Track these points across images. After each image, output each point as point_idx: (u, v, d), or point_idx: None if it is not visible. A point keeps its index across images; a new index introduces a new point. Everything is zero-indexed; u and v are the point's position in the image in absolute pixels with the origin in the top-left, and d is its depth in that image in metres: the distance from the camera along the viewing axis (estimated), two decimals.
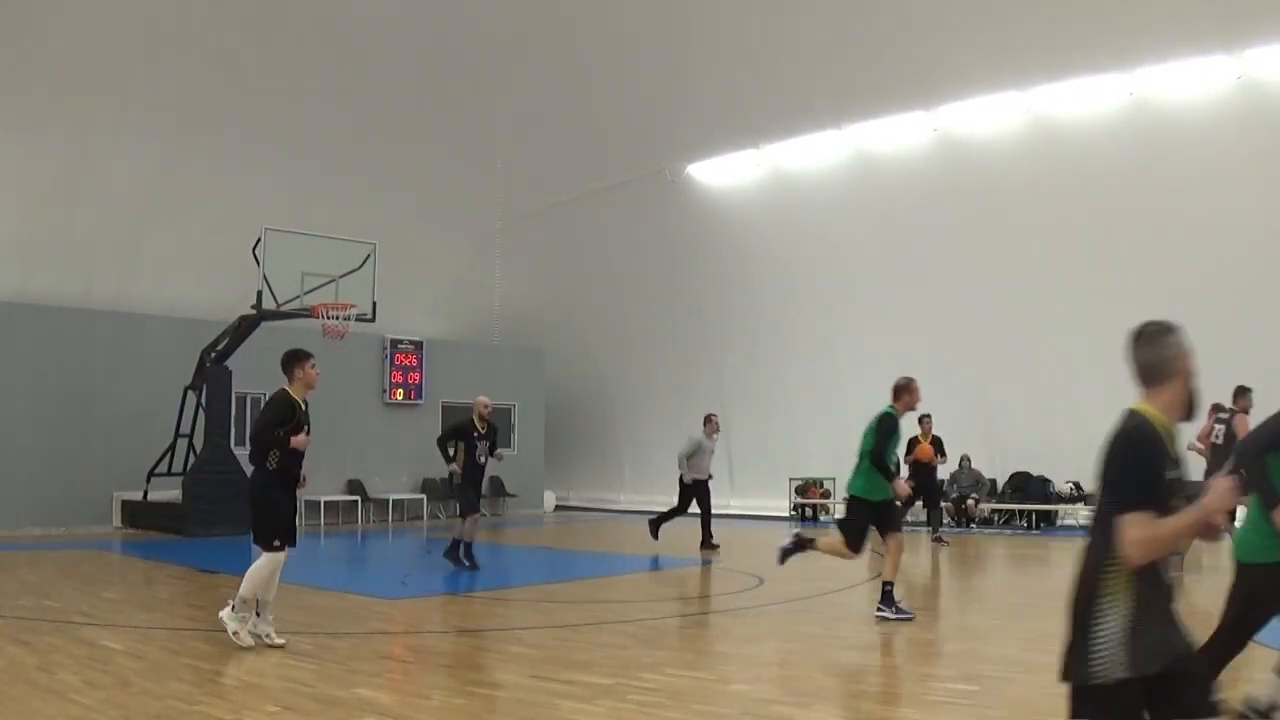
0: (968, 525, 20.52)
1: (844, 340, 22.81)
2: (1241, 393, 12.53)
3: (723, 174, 24.20)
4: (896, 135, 20.97)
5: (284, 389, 8.66)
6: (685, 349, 25.95)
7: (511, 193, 24.90)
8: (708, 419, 17.19)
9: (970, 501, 20.57)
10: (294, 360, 8.64)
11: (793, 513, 23.90)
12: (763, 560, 13.66)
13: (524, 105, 23.31)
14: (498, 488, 25.47)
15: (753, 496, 24.64)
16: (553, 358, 27.96)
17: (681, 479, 16.89)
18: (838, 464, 21.92)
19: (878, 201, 21.46)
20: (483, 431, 13.88)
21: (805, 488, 23.94)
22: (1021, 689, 6.94)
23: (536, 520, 25.15)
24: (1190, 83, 17.41)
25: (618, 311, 27.04)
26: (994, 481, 21.17)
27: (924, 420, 17.16)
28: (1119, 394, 3.84)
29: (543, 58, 22.21)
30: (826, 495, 23.55)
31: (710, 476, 17.25)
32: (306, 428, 8.62)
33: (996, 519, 21.26)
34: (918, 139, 20.68)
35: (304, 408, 8.70)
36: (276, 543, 8.42)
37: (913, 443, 17.38)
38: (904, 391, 10.10)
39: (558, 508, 28.25)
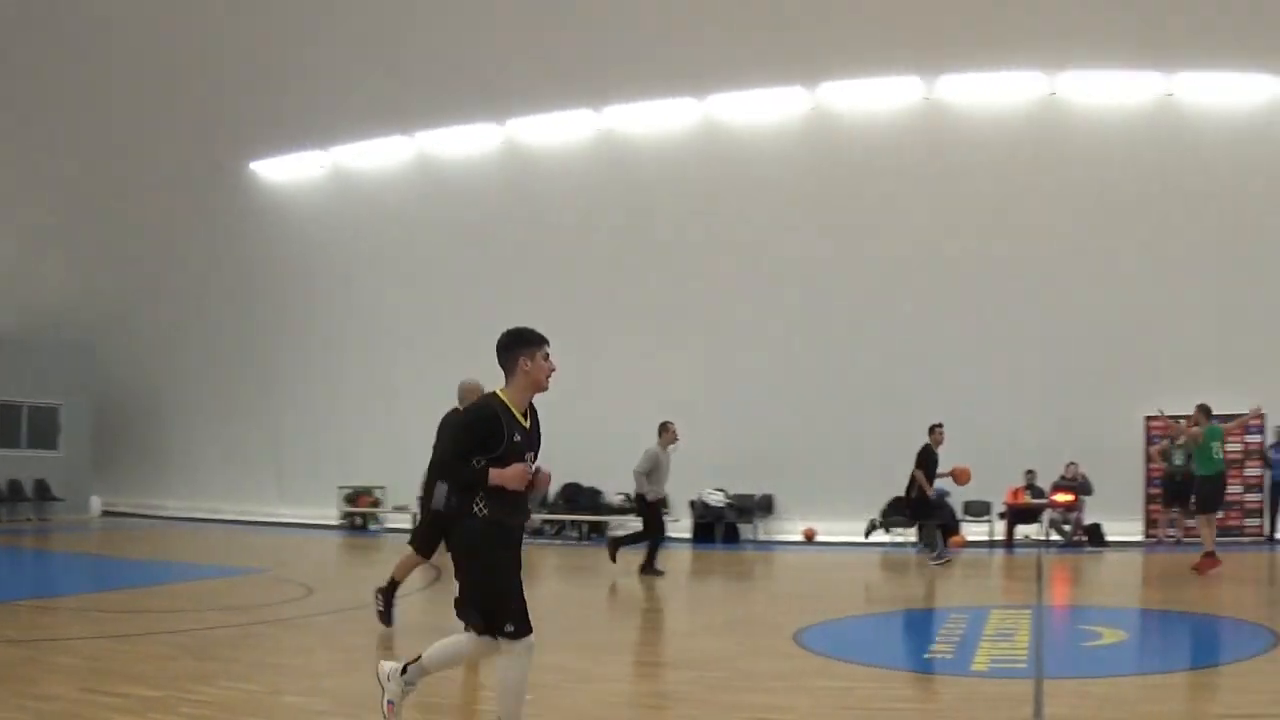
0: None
1: (396, 351, 22.90)
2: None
3: (287, 172, 23.73)
4: (465, 143, 21.55)
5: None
6: (237, 352, 25.24)
7: (67, 181, 23.39)
8: (664, 428, 14.76)
9: None
10: None
11: (342, 521, 23.64)
12: (312, 569, 13.63)
13: (83, 90, 22.00)
14: (42, 490, 23.77)
15: (302, 504, 24.24)
16: (110, 355, 26.34)
17: (643, 497, 14.96)
18: (390, 473, 22.09)
19: (444, 208, 21.79)
20: None
21: (355, 496, 23.73)
22: (575, 698, 7.05)
23: (82, 526, 23.66)
24: (764, 109, 19.68)
25: (174, 309, 25.93)
26: (546, 493, 22.13)
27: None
28: (658, 410, 4.74)
29: (110, 46, 21.13)
30: (376, 504, 23.47)
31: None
32: None
33: (548, 529, 21.91)
34: (485, 146, 21.40)
35: None
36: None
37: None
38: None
39: (105, 513, 26.57)
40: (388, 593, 9.66)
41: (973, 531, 18.80)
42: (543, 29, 19.41)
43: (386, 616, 9.61)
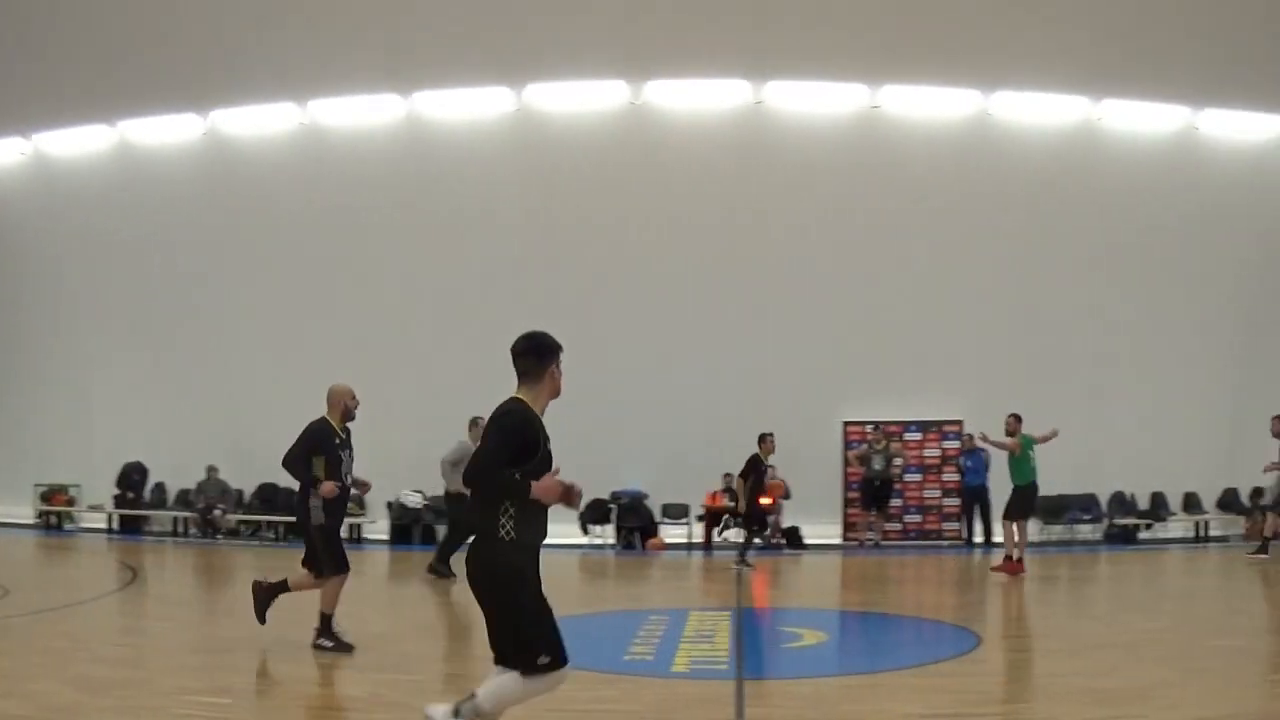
0: (214, 536, 19.87)
1: (97, 347, 21.28)
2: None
3: None
4: (165, 134, 20.43)
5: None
6: None
7: None
8: (474, 421, 13.33)
9: (217, 512, 19.97)
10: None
11: (39, 519, 21.86)
12: (6, 570, 12.88)
13: None
14: None
15: None
16: None
17: (447, 491, 13.98)
18: (86, 471, 20.96)
19: (145, 199, 20.35)
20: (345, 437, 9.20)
21: (50, 494, 22.06)
22: (274, 699, 6.95)
23: None
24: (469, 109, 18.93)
25: None
26: (241, 492, 20.76)
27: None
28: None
29: None
30: (71, 503, 21.92)
31: None
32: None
33: (244, 530, 20.67)
34: (187, 138, 20.25)
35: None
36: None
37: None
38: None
39: None
40: (325, 629, 8.63)
41: (671, 534, 18.62)
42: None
43: (342, 647, 8.55)
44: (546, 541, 5.15)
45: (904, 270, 18.90)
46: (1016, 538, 13.88)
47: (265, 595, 8.81)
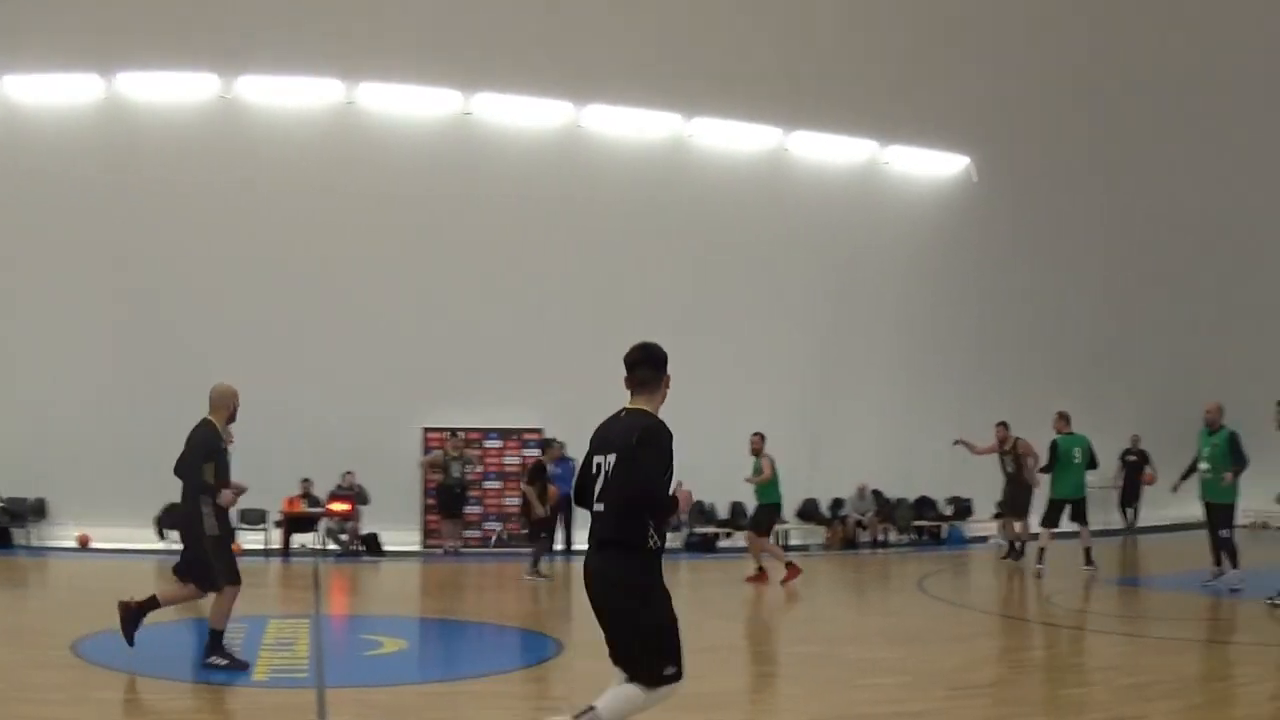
0: None
1: None
2: None
3: None
4: None
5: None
6: None
7: None
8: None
9: None
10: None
11: None
12: None
13: None
14: None
15: None
16: None
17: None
18: None
19: None
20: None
21: None
22: None
23: None
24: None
25: None
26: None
27: None
28: None
29: None
30: None
31: None
32: None
33: None
34: None
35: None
36: None
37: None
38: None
39: None
40: (216, 646, 7.97)
41: (249, 540, 17.81)
42: None
43: (237, 664, 7.94)
44: (126, 546, 4.95)
45: (487, 280, 19.08)
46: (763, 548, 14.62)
47: (134, 615, 7.94)
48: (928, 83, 20.34)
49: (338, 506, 17.91)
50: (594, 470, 5.22)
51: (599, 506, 5.15)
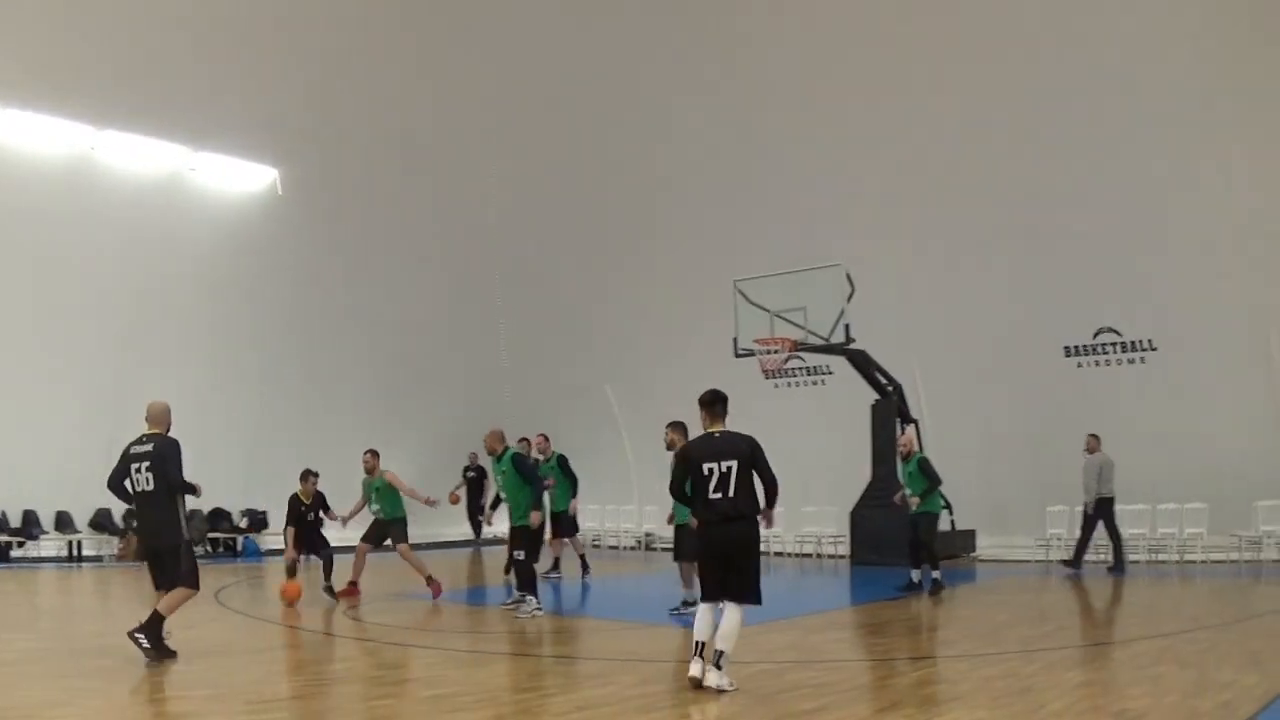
0: None
1: None
2: None
3: None
4: None
5: None
6: None
7: None
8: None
9: None
10: None
11: None
12: None
13: None
14: None
15: None
16: None
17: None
18: None
19: None
20: None
21: None
22: None
23: None
24: None
25: None
26: None
27: None
28: None
29: None
30: None
31: None
32: None
33: None
34: None
35: None
36: None
37: None
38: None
39: None
40: (153, 629, 8.83)
41: None
42: None
43: (166, 652, 8.93)
44: None
45: None
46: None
47: (154, 633, 8.78)
48: (239, 93, 20.36)
49: None
50: (705, 473, 7.92)
51: (721, 495, 7.89)
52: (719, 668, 7.55)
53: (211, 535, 21.58)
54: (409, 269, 23.77)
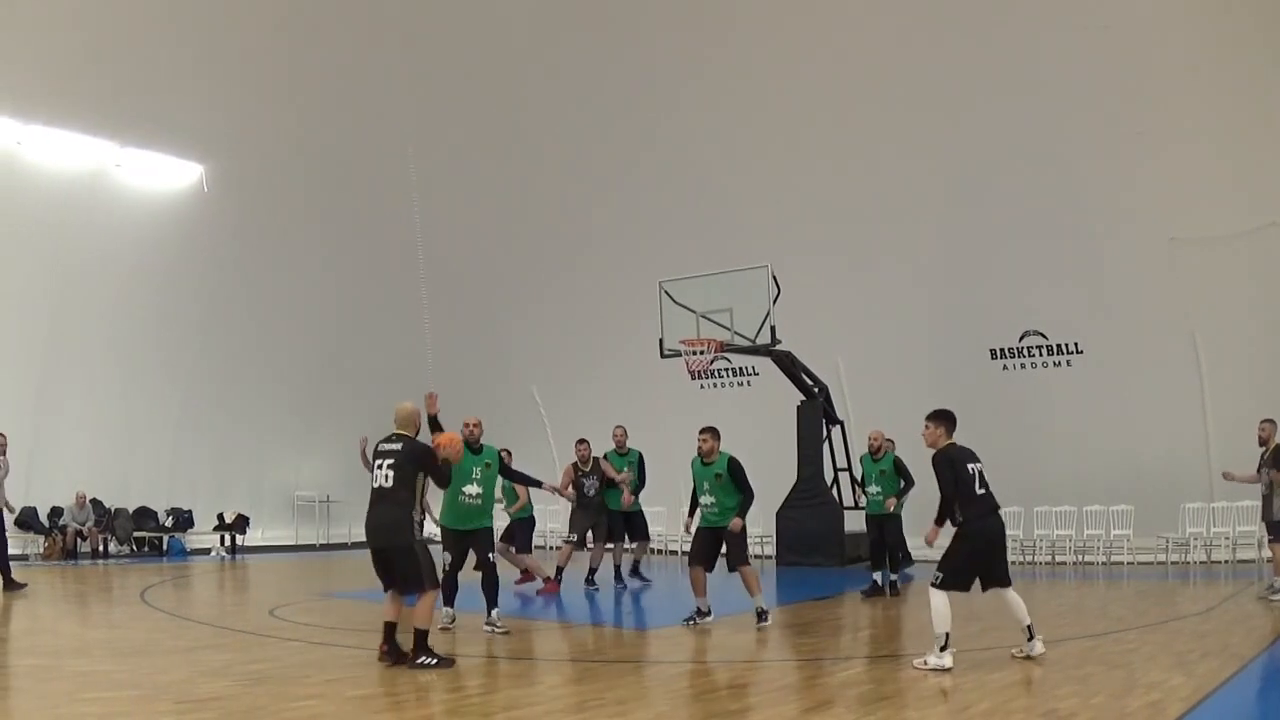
0: None
1: None
2: None
3: None
4: None
5: None
6: None
7: None
8: None
9: None
10: None
11: None
12: None
13: None
14: None
15: None
16: None
17: None
18: None
19: None
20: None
21: None
22: None
23: None
24: None
25: None
26: None
27: None
28: None
29: None
30: None
31: None
32: None
33: None
34: None
35: None
36: None
37: None
38: None
39: None
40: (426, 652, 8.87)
41: None
42: None
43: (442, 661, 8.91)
44: None
45: None
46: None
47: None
48: (166, 89, 20.16)
49: None
50: (970, 473, 9.23)
51: (986, 490, 9.32)
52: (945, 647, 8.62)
53: (137, 534, 21.40)
54: (334, 267, 23.69)
